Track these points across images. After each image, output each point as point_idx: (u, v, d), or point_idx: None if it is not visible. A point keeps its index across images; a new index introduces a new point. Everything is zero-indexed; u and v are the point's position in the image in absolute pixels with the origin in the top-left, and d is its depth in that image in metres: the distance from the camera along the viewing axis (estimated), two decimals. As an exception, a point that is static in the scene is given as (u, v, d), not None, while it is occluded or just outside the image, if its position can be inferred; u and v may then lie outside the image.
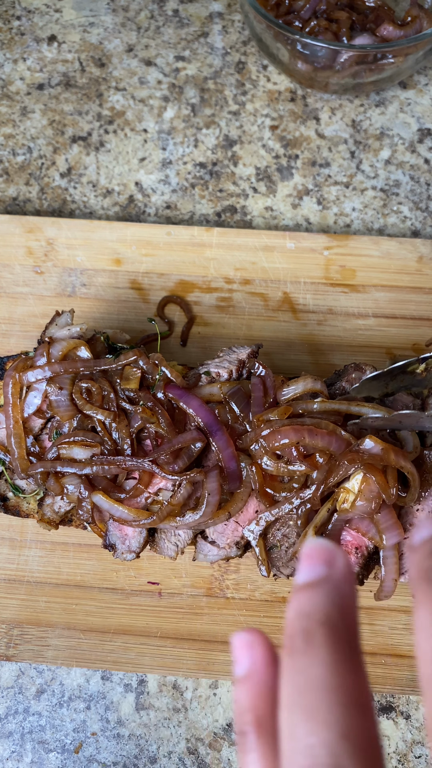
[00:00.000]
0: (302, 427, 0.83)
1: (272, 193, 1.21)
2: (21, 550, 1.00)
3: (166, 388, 0.88)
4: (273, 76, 1.29)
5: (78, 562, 0.99)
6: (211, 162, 1.24)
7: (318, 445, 0.83)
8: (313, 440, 0.83)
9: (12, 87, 1.30)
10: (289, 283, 1.11)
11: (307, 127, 1.26)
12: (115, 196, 1.22)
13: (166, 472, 0.84)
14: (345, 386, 0.91)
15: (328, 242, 1.13)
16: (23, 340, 1.09)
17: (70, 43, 1.33)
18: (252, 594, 0.97)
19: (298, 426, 0.83)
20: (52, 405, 0.88)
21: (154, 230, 1.14)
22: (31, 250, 1.14)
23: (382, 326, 1.08)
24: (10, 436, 0.89)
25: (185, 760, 0.93)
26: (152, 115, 1.27)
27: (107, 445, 0.86)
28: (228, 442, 0.86)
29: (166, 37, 1.33)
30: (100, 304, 1.11)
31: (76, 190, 1.22)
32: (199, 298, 1.11)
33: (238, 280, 1.12)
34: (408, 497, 0.84)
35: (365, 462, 0.81)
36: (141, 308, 1.11)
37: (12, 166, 1.24)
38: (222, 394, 0.89)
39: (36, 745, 0.94)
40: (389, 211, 1.20)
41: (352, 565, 0.48)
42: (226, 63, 1.31)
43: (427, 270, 1.11)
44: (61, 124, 1.27)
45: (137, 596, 0.98)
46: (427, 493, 0.87)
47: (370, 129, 1.26)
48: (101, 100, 1.29)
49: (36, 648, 0.96)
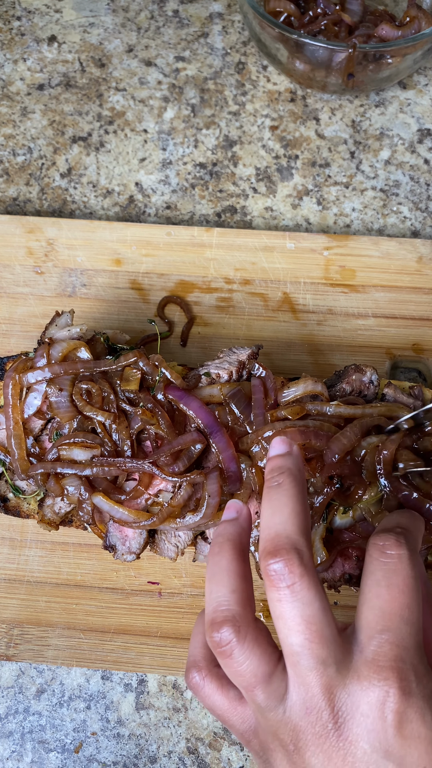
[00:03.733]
0: (308, 429, 0.83)
1: (272, 194, 1.22)
2: (21, 550, 1.00)
3: (166, 390, 0.88)
4: (273, 77, 1.29)
5: (78, 562, 0.99)
6: (211, 162, 1.24)
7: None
8: (320, 443, 0.83)
9: (12, 87, 1.30)
10: (289, 283, 1.11)
11: (307, 128, 1.26)
12: (115, 197, 1.22)
13: (166, 474, 0.84)
14: (345, 388, 0.91)
15: (328, 242, 1.13)
16: (23, 340, 1.09)
17: (70, 44, 1.33)
18: (252, 594, 0.97)
19: (304, 428, 0.83)
20: (52, 406, 0.88)
21: (154, 230, 1.14)
22: (31, 251, 1.14)
23: (381, 326, 1.09)
24: (10, 437, 0.89)
25: (185, 759, 0.94)
26: (152, 116, 1.27)
27: (107, 446, 0.86)
28: (228, 444, 0.86)
29: (166, 38, 1.33)
30: (100, 305, 1.11)
31: (77, 190, 1.23)
32: (199, 299, 1.11)
33: (238, 281, 1.12)
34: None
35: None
36: (141, 308, 1.11)
37: (12, 167, 1.24)
38: (222, 395, 0.89)
39: (36, 745, 0.94)
40: (389, 212, 1.20)
41: (300, 451, 0.76)
42: (226, 63, 1.31)
43: (427, 270, 1.11)
44: (62, 124, 1.27)
45: (137, 596, 0.98)
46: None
47: (369, 129, 1.26)
48: (101, 101, 1.29)
49: (36, 648, 0.96)
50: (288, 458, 0.71)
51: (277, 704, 0.61)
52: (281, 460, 0.71)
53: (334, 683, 0.60)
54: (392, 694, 0.58)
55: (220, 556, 0.68)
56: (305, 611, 0.60)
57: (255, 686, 0.62)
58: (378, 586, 0.63)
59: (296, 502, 0.66)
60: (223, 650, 0.62)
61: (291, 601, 0.61)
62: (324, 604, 0.61)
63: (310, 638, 0.60)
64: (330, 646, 0.60)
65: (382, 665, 0.59)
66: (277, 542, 0.63)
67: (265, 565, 0.62)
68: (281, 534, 0.64)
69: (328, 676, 0.60)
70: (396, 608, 0.61)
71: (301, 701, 0.60)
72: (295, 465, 0.70)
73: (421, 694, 0.59)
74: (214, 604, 0.65)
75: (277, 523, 0.65)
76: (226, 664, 0.63)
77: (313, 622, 0.60)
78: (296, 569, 0.61)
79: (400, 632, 0.61)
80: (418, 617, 0.62)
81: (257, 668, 0.62)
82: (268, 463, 0.72)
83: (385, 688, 0.58)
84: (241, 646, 0.62)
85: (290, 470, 0.69)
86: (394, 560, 0.63)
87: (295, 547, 0.63)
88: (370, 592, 0.63)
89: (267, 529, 0.65)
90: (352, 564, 0.87)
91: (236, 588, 0.65)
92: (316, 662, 0.60)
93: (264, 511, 0.67)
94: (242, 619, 0.63)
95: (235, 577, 0.66)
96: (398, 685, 0.58)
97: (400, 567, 0.63)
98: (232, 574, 0.66)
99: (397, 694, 0.58)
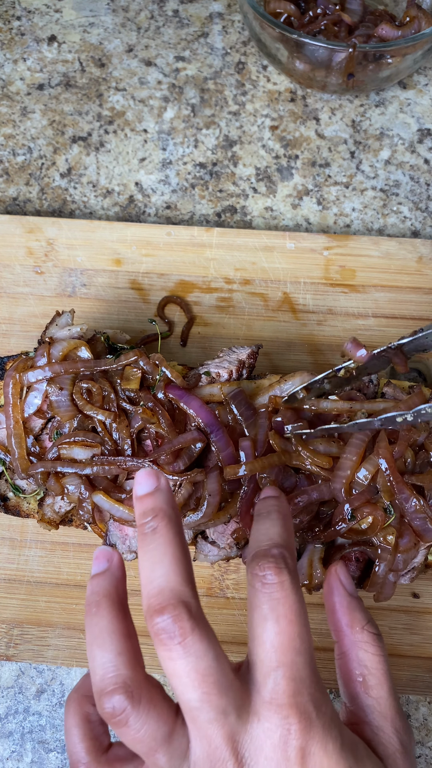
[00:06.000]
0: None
1: (272, 194, 1.22)
2: (21, 550, 1.00)
3: (166, 389, 0.88)
4: (273, 77, 1.30)
5: (78, 562, 0.99)
6: (211, 162, 1.24)
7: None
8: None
9: (12, 87, 1.30)
10: (288, 283, 1.11)
11: (307, 128, 1.26)
12: (115, 197, 1.22)
13: (166, 473, 0.84)
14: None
15: (328, 242, 1.13)
16: (23, 340, 1.09)
17: (70, 44, 1.33)
18: (252, 594, 0.97)
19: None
20: (53, 405, 0.88)
21: (154, 230, 1.14)
22: (31, 251, 1.14)
23: (381, 326, 1.09)
24: (11, 436, 0.89)
25: (185, 759, 0.93)
26: (152, 116, 1.27)
27: (108, 445, 0.86)
28: (228, 443, 0.86)
29: (166, 38, 1.33)
30: (100, 305, 1.11)
31: (76, 190, 1.23)
32: (199, 298, 1.11)
33: (238, 281, 1.12)
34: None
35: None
36: (141, 308, 1.11)
37: (12, 167, 1.24)
38: (222, 394, 0.89)
39: (36, 745, 0.94)
40: (389, 212, 1.20)
41: (169, 482, 0.71)
42: (226, 63, 1.31)
43: (427, 270, 1.11)
44: (61, 124, 1.27)
45: (137, 596, 0.98)
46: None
47: (369, 129, 1.26)
48: (101, 101, 1.29)
49: (36, 648, 0.96)
50: (158, 495, 0.65)
51: (180, 762, 0.60)
52: (151, 501, 0.65)
53: (236, 730, 0.59)
54: (293, 731, 0.58)
55: (99, 617, 0.64)
56: (199, 665, 0.58)
57: (156, 750, 0.59)
58: (266, 621, 0.61)
59: (175, 547, 0.62)
60: (117, 720, 0.59)
61: (184, 657, 0.58)
62: (217, 651, 0.59)
63: (208, 691, 0.58)
64: (228, 694, 0.59)
65: (281, 703, 0.59)
66: (162, 598, 0.59)
67: (152, 624, 0.59)
68: (165, 588, 0.60)
69: (230, 724, 0.59)
70: (287, 641, 0.60)
71: (204, 755, 0.59)
72: (166, 502, 0.65)
73: (321, 724, 0.60)
74: (101, 671, 0.60)
75: (159, 576, 0.61)
76: (123, 733, 0.59)
77: (209, 674, 0.58)
78: (186, 624, 0.58)
79: (294, 665, 0.60)
80: (309, 643, 0.62)
81: (156, 731, 0.59)
82: (137, 505, 0.65)
83: (286, 726, 0.59)
84: (136, 712, 0.58)
85: (163, 510, 0.64)
86: (276, 589, 0.61)
87: (182, 599, 0.59)
88: (259, 627, 0.61)
89: (149, 584, 0.61)
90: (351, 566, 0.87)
91: (122, 649, 0.61)
92: (216, 714, 0.58)
93: (143, 563, 0.63)
94: (134, 682, 0.60)
95: (119, 637, 0.62)
96: (298, 720, 0.59)
97: (284, 595, 0.61)
98: (115, 635, 0.62)
99: (298, 730, 0.59)
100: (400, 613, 0.96)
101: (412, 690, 0.93)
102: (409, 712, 0.94)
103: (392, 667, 0.94)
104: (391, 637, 0.95)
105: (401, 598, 0.96)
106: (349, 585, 0.76)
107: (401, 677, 0.94)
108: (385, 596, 0.87)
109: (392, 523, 0.82)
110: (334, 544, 0.86)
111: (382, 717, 0.68)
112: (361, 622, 0.72)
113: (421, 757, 0.92)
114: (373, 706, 0.69)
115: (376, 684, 0.69)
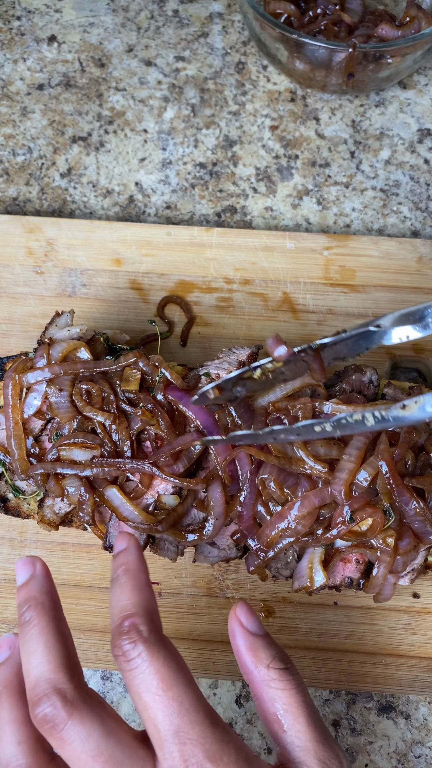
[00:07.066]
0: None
1: (272, 194, 1.22)
2: (21, 550, 1.00)
3: (165, 390, 0.88)
4: (273, 77, 1.29)
5: (78, 562, 0.99)
6: (211, 162, 1.24)
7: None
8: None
9: (12, 87, 1.30)
10: (288, 283, 1.11)
11: (307, 128, 1.26)
12: (115, 196, 1.22)
13: (166, 474, 0.85)
14: (345, 388, 0.91)
15: (328, 242, 1.13)
16: (23, 340, 1.09)
17: (70, 44, 1.33)
18: (252, 594, 0.97)
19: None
20: (52, 406, 0.88)
21: (154, 230, 1.14)
22: (31, 251, 1.14)
23: (381, 327, 1.08)
24: (10, 437, 0.89)
25: (185, 759, 0.93)
26: (152, 116, 1.27)
27: (107, 446, 0.86)
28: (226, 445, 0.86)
29: (166, 38, 1.33)
30: (100, 305, 1.11)
31: (76, 190, 1.23)
32: (199, 299, 1.11)
33: (238, 281, 1.12)
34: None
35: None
36: (141, 308, 1.11)
37: (12, 167, 1.24)
38: (222, 395, 0.89)
39: (36, 745, 0.94)
40: (389, 212, 1.20)
41: (45, 566, 0.72)
42: (226, 63, 1.31)
43: (427, 270, 1.11)
44: (61, 124, 1.27)
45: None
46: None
47: (369, 129, 1.26)
48: (101, 101, 1.29)
49: (36, 648, 0.96)
50: (32, 584, 0.69)
51: None
52: (25, 591, 0.69)
53: None
54: None
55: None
56: (86, 747, 0.59)
57: None
58: (141, 699, 0.62)
59: (47, 634, 0.64)
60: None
61: (69, 744, 0.59)
62: (105, 727, 0.60)
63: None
64: (126, 763, 0.60)
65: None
66: (38, 689, 0.61)
67: (34, 717, 0.60)
68: (39, 678, 0.62)
69: None
70: (167, 712, 0.61)
71: None
72: (39, 590, 0.68)
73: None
74: (3, 762, 0.62)
75: (34, 667, 0.63)
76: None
77: (98, 753, 0.59)
78: (61, 712, 0.59)
79: (180, 731, 0.61)
80: (191, 698, 0.62)
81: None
82: (16, 597, 0.70)
83: None
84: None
85: (36, 599, 0.67)
86: (138, 664, 0.62)
87: (56, 687, 0.61)
88: (139, 704, 0.62)
89: (27, 676, 0.63)
90: (351, 567, 0.87)
91: (21, 738, 0.63)
92: None
93: (21, 656, 0.65)
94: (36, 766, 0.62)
95: (19, 725, 0.64)
96: None
97: (147, 669, 0.62)
98: (15, 725, 0.64)
99: None
100: (400, 613, 0.96)
101: (412, 690, 0.94)
102: (409, 712, 0.94)
103: (392, 667, 0.94)
104: (391, 637, 0.95)
105: (401, 598, 0.96)
106: (251, 624, 0.73)
107: (401, 677, 0.94)
108: (384, 597, 0.87)
109: (392, 525, 0.83)
110: (334, 546, 0.86)
111: (304, 751, 0.67)
112: (265, 661, 0.71)
113: (421, 757, 0.93)
114: (294, 743, 0.68)
115: (291, 720, 0.68)
